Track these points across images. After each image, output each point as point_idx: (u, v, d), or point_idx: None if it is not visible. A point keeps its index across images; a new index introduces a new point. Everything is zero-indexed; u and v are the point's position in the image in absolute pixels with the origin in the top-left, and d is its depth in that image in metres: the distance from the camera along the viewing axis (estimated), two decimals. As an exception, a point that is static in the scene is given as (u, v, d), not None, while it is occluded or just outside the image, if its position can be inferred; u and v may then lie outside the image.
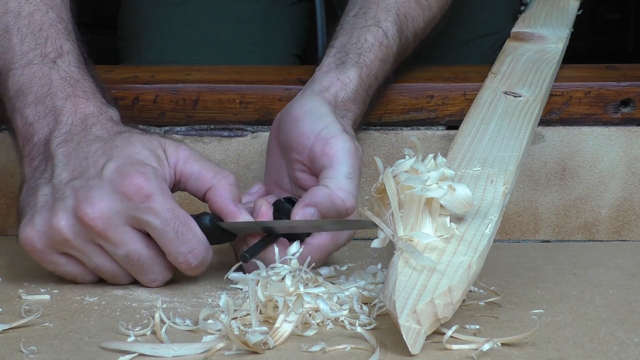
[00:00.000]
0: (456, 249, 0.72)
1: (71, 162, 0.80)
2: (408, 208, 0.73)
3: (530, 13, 1.18)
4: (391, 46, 0.95)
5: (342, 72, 0.91)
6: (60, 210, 0.78)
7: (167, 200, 0.78)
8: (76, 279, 0.82)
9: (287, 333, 0.69)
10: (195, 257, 0.79)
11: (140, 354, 0.67)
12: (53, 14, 0.88)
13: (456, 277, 0.68)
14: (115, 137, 0.82)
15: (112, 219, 0.78)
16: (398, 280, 0.68)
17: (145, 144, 0.81)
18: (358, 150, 0.85)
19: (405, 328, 0.65)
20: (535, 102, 0.96)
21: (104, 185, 0.78)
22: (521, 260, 0.93)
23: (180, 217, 0.78)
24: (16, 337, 0.70)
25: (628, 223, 1.03)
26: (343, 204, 0.83)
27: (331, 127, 0.85)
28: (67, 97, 0.84)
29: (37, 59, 0.85)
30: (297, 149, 0.86)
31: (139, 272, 0.80)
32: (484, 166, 0.84)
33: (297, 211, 0.83)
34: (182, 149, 0.83)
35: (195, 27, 1.23)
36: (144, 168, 0.79)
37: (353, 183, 0.84)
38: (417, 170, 0.74)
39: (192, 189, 0.83)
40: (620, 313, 0.77)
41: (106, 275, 0.81)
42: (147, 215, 0.78)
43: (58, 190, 0.79)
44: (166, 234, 0.78)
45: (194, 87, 1.03)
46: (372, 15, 0.96)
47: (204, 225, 0.81)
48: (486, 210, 0.78)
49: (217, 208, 0.82)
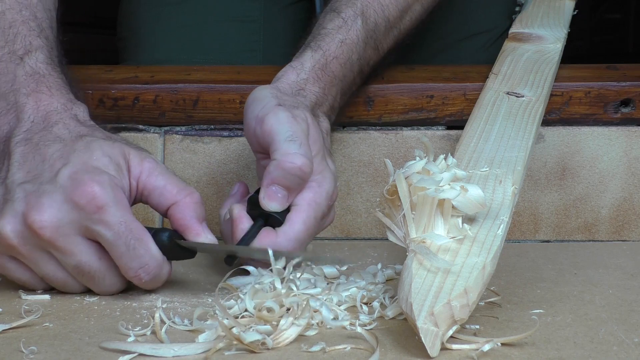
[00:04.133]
0: (469, 250, 0.72)
1: (27, 163, 0.78)
2: (420, 209, 0.73)
3: (527, 14, 1.19)
4: (352, 29, 0.96)
5: (296, 60, 0.93)
6: (8, 214, 0.75)
7: (121, 212, 0.75)
8: (27, 285, 0.79)
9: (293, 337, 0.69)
10: (146, 272, 0.77)
11: (140, 354, 0.67)
12: (27, 12, 0.88)
13: (471, 279, 0.68)
14: (76, 140, 0.79)
15: (62, 228, 0.75)
16: (413, 283, 0.68)
17: (106, 150, 0.78)
18: (298, 117, 0.85)
19: (423, 330, 0.65)
20: (538, 102, 0.96)
21: (57, 192, 0.75)
22: (521, 260, 0.93)
23: (133, 230, 0.75)
24: (16, 337, 0.70)
25: (628, 223, 1.03)
26: (294, 165, 0.82)
27: (266, 106, 0.85)
28: (29, 93, 0.82)
29: (5, 56, 0.85)
30: (249, 140, 0.87)
31: (89, 282, 0.78)
32: (491, 167, 0.84)
33: (262, 195, 0.83)
34: (147, 161, 0.80)
35: (195, 27, 1.23)
36: (100, 177, 0.76)
37: (296, 143, 0.83)
38: (428, 172, 0.74)
39: (154, 204, 0.80)
40: (620, 313, 0.77)
41: (56, 284, 0.79)
42: (99, 226, 0.75)
43: (9, 191, 0.76)
44: (117, 247, 0.75)
45: (194, 87, 1.03)
46: (335, 8, 0.98)
47: (161, 241, 0.78)
48: (497, 210, 0.78)
49: (180, 225, 0.80)
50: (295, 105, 0.87)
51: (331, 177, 0.86)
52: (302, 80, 0.91)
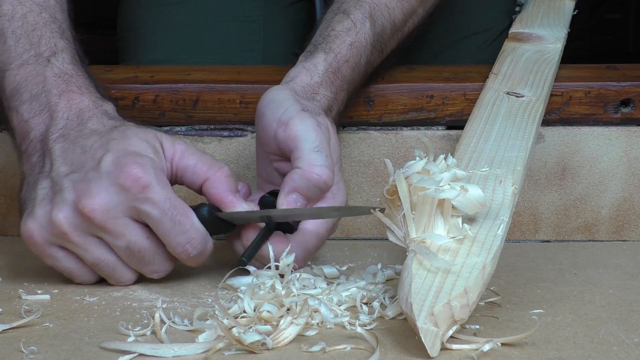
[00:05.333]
0: (469, 250, 0.72)
1: (69, 156, 0.81)
2: (420, 209, 0.73)
3: (527, 14, 1.19)
4: (360, 31, 0.96)
5: (308, 61, 0.92)
6: (59, 203, 0.78)
7: (165, 191, 0.78)
8: (73, 275, 0.81)
9: (292, 336, 0.69)
10: (193, 247, 0.79)
11: (140, 354, 0.67)
12: (46, 14, 0.89)
13: (471, 279, 0.68)
14: (111, 130, 0.82)
15: (111, 210, 0.78)
16: (413, 283, 0.68)
17: (142, 136, 0.82)
18: (322, 124, 0.85)
19: (423, 330, 0.65)
20: (538, 102, 0.96)
21: (102, 178, 0.78)
22: (521, 260, 0.93)
23: (178, 207, 0.79)
24: (16, 337, 0.70)
25: (628, 223, 1.03)
26: (320, 178, 0.83)
27: (289, 109, 0.85)
28: (61, 93, 0.84)
29: (31, 58, 0.86)
30: (265, 141, 0.87)
31: (140, 263, 0.80)
32: (491, 167, 0.84)
33: (280, 202, 0.83)
34: (179, 143, 0.83)
35: (195, 27, 1.23)
36: (141, 159, 0.79)
37: (322, 155, 0.83)
38: (428, 172, 0.74)
39: (188, 182, 0.83)
40: (620, 313, 0.77)
41: (106, 270, 0.81)
42: (145, 205, 0.78)
43: (57, 184, 0.79)
44: (164, 224, 0.78)
45: (194, 87, 1.03)
46: (343, 9, 0.97)
47: (202, 215, 0.81)
48: (497, 210, 0.78)
49: (215, 199, 0.82)
50: (317, 111, 0.87)
51: (344, 189, 0.87)
52: (316, 83, 0.91)
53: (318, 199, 0.85)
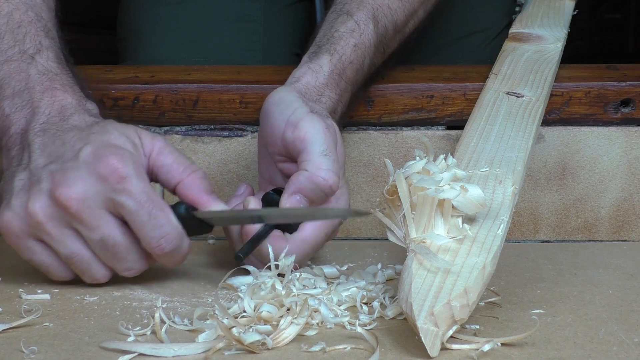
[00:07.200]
0: (469, 250, 0.72)
1: (47, 149, 0.80)
2: (420, 209, 0.73)
3: (527, 14, 1.19)
4: (364, 33, 0.95)
5: (313, 62, 0.92)
6: (36, 194, 0.78)
7: (143, 184, 0.78)
8: (49, 270, 0.80)
9: (292, 336, 0.69)
10: (168, 242, 0.79)
11: (140, 353, 0.67)
12: (32, 13, 0.89)
13: (471, 279, 0.68)
14: (92, 125, 0.82)
15: (88, 200, 0.77)
16: (413, 283, 0.68)
17: (122, 131, 0.81)
18: (330, 128, 0.85)
19: (423, 330, 0.65)
20: (538, 102, 0.96)
21: (80, 167, 0.78)
22: (521, 260, 0.93)
23: (155, 201, 0.78)
24: (16, 337, 0.70)
25: (628, 223, 1.03)
26: (326, 183, 0.83)
27: (298, 111, 0.85)
28: (44, 90, 0.84)
29: (15, 55, 0.86)
30: (271, 141, 0.87)
31: (114, 258, 0.80)
32: (491, 167, 0.84)
33: (284, 202, 0.83)
34: (158, 140, 0.83)
35: (195, 26, 1.23)
36: (120, 151, 0.79)
37: (330, 159, 0.83)
38: (428, 172, 0.74)
39: (163, 181, 0.83)
40: (620, 313, 0.77)
41: (80, 265, 0.80)
42: (122, 197, 0.77)
43: (34, 175, 0.79)
44: (140, 216, 0.78)
45: (194, 87, 1.03)
46: (347, 10, 0.97)
47: (179, 213, 0.80)
48: (497, 210, 0.78)
49: (190, 200, 0.82)
50: (325, 114, 0.87)
51: (347, 194, 0.87)
52: (322, 85, 0.91)
53: (321, 202, 0.84)
